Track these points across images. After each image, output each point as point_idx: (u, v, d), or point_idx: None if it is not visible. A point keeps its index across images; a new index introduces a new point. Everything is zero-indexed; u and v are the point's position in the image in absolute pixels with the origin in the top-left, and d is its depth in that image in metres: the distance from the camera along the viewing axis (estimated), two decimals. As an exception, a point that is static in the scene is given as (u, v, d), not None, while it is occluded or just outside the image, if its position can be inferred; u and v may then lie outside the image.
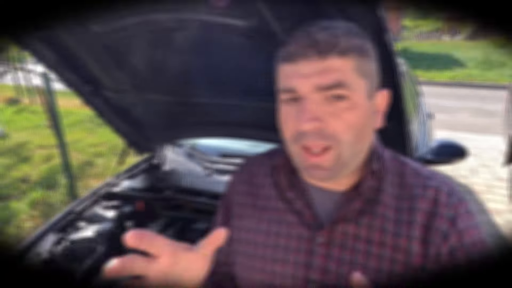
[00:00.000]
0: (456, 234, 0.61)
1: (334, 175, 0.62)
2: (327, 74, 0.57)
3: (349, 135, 0.59)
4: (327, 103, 0.58)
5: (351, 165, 0.63)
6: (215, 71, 1.33)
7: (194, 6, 0.99)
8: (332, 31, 0.59)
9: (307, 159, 0.61)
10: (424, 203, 0.64)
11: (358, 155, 0.63)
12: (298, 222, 0.70)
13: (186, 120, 1.78)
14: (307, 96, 0.58)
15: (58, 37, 1.29)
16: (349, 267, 0.65)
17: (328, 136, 0.59)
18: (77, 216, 1.73)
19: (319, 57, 0.57)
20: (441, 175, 0.70)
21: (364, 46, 0.61)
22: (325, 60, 0.57)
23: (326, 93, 0.58)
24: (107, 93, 1.64)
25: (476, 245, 0.61)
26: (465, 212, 0.64)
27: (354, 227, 0.65)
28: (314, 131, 0.58)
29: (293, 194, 0.71)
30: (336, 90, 0.57)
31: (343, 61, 0.58)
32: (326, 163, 0.60)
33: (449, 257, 0.61)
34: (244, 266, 0.75)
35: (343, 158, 0.60)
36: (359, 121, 0.60)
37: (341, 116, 0.58)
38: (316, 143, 0.59)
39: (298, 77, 0.59)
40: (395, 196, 0.66)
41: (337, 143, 0.59)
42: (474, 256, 0.61)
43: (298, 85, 0.59)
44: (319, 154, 0.60)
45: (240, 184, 0.81)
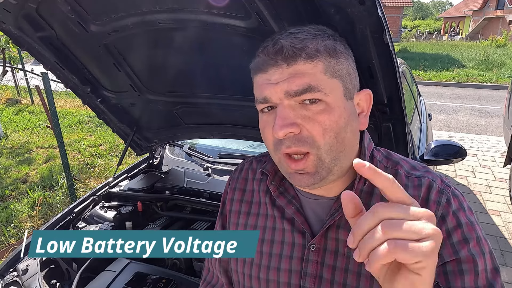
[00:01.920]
0: (444, 233, 0.59)
1: (319, 180, 0.60)
2: (295, 79, 0.57)
3: (327, 138, 0.58)
4: (301, 108, 0.58)
5: (336, 168, 0.61)
6: (215, 71, 1.32)
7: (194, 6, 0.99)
8: (299, 36, 0.58)
9: (290, 165, 0.60)
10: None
11: (341, 158, 0.61)
12: (291, 230, 0.69)
13: (186, 120, 1.78)
14: (279, 103, 0.58)
15: (58, 37, 1.29)
16: (342, 274, 0.64)
17: (305, 140, 0.58)
18: (77, 216, 1.73)
19: (287, 63, 0.57)
20: (435, 172, 0.68)
21: (336, 47, 0.60)
22: (293, 65, 0.57)
23: (298, 98, 0.57)
24: (107, 93, 1.64)
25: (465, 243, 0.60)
26: (458, 209, 0.62)
27: (346, 233, 0.64)
28: (290, 137, 0.58)
29: (284, 201, 0.71)
30: (306, 94, 0.57)
31: (312, 64, 0.57)
32: (309, 168, 0.59)
33: None
34: (240, 274, 0.75)
35: (325, 162, 0.59)
36: (337, 123, 0.58)
37: (316, 119, 0.57)
38: (294, 149, 0.58)
39: (268, 86, 0.59)
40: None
41: (315, 147, 0.58)
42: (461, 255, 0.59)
43: (269, 94, 0.59)
44: (300, 160, 0.59)
45: (234, 191, 0.81)
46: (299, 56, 0.57)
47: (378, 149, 0.72)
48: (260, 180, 0.78)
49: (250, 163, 0.83)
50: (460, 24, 35.81)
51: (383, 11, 0.73)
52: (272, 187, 0.72)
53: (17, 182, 4.04)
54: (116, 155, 4.95)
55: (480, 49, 17.16)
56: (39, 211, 3.29)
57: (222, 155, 2.18)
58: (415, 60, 14.90)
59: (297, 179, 0.61)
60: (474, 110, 7.83)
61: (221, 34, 1.07)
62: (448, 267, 0.60)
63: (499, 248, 2.80)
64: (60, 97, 7.82)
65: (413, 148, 2.04)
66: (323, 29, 0.62)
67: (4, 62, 6.24)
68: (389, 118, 1.13)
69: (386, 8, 28.93)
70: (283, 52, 0.57)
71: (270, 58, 0.59)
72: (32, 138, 5.66)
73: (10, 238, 2.99)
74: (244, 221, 0.76)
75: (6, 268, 1.40)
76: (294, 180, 0.62)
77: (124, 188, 1.88)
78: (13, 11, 1.14)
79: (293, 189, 0.72)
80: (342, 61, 0.61)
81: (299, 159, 0.59)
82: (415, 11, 75.28)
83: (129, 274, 1.28)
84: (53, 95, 3.33)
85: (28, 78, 8.45)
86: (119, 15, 1.11)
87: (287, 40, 0.58)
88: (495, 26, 27.17)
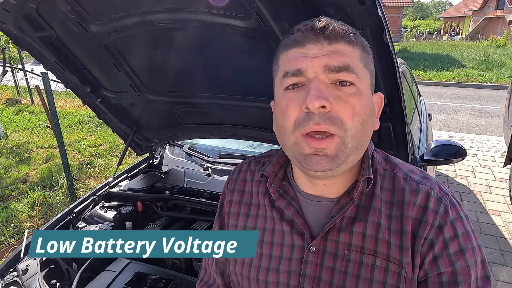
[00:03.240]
0: (441, 243, 0.60)
1: (337, 165, 0.58)
2: (336, 56, 0.57)
3: (355, 122, 0.56)
4: (333, 87, 0.57)
5: (352, 158, 0.59)
6: (215, 71, 1.32)
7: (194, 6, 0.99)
8: (342, 23, 0.60)
9: (310, 143, 0.57)
10: (413, 211, 0.62)
11: (359, 148, 0.60)
12: (290, 231, 0.69)
13: (186, 120, 1.78)
14: (314, 77, 0.57)
15: (58, 37, 1.29)
16: (341, 277, 0.64)
17: (334, 121, 0.55)
18: (77, 216, 1.73)
19: (329, 41, 0.58)
20: (433, 178, 0.68)
21: (366, 45, 0.63)
22: (334, 44, 0.58)
23: (334, 75, 0.57)
24: (107, 93, 1.64)
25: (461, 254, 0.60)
26: (456, 218, 0.62)
27: (346, 235, 0.64)
28: (321, 113, 0.55)
29: (284, 202, 0.70)
30: (343, 73, 0.57)
31: (351, 48, 0.59)
32: (330, 150, 0.56)
33: (432, 266, 0.60)
34: (239, 275, 0.75)
35: (347, 147, 0.57)
36: (364, 109, 0.58)
37: (348, 101, 0.56)
38: (323, 127, 0.55)
39: (305, 59, 0.58)
40: (387, 202, 0.65)
41: (342, 129, 0.56)
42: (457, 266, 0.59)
43: (305, 66, 0.57)
44: (323, 139, 0.56)
45: (232, 193, 0.81)
46: (342, 37, 0.58)
47: (377, 151, 0.72)
48: (259, 181, 0.77)
49: (248, 165, 0.83)
50: (460, 24, 35.82)
51: (383, 11, 0.73)
52: (272, 189, 0.72)
53: (17, 182, 4.04)
54: (116, 155, 4.95)
55: (480, 49, 17.16)
56: (39, 211, 3.29)
57: (222, 155, 2.18)
58: (415, 60, 14.90)
59: (314, 161, 0.57)
60: (474, 110, 7.83)
61: (221, 34, 1.07)
62: (444, 277, 0.60)
63: (499, 248, 2.80)
64: (60, 97, 7.82)
65: (413, 148, 2.04)
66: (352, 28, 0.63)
67: (4, 62, 6.24)
68: (389, 118, 1.13)
69: (386, 8, 28.94)
70: (328, 29, 0.58)
71: (311, 34, 0.58)
72: (32, 138, 5.66)
73: (10, 238, 2.99)
74: (243, 223, 0.76)
75: (6, 268, 1.41)
76: (310, 163, 0.58)
77: (124, 188, 1.88)
78: (13, 11, 1.14)
79: (293, 190, 0.72)
80: (370, 58, 0.63)
81: (321, 138, 0.56)
82: (415, 11, 75.30)
83: (129, 274, 1.28)
84: (53, 95, 3.33)
85: (28, 78, 8.45)
86: (119, 15, 1.11)
87: (331, 22, 0.59)
88: (495, 26, 27.18)
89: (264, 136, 1.65)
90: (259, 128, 1.62)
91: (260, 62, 1.16)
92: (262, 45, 1.06)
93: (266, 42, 1.03)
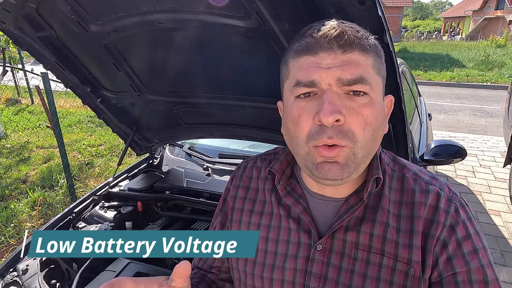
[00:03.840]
0: (454, 243, 0.60)
1: (347, 174, 0.58)
2: (350, 68, 0.55)
3: (366, 133, 0.56)
4: (346, 98, 0.56)
5: (363, 166, 0.60)
6: (215, 71, 1.32)
7: (194, 6, 0.99)
8: (355, 28, 0.58)
9: (321, 152, 0.56)
10: (424, 211, 0.62)
11: (369, 157, 0.60)
12: (297, 229, 0.69)
13: (186, 120, 1.78)
14: (328, 89, 0.56)
15: (58, 37, 1.29)
16: (348, 275, 0.64)
17: (346, 134, 0.55)
18: (77, 216, 1.73)
19: (343, 50, 0.56)
20: (441, 179, 0.69)
21: (379, 48, 0.61)
22: (348, 54, 0.56)
23: (347, 87, 0.56)
24: (107, 93, 1.64)
25: (475, 254, 0.60)
26: (466, 219, 0.62)
27: (354, 234, 0.64)
28: (335, 126, 0.55)
29: (291, 200, 0.70)
30: (357, 85, 0.56)
31: (365, 56, 0.57)
32: (340, 158, 0.57)
33: (446, 266, 0.60)
34: (242, 272, 0.75)
35: (357, 157, 0.57)
36: (376, 119, 0.58)
37: (360, 112, 0.56)
38: (335, 140, 0.55)
39: (318, 69, 0.56)
40: (395, 202, 0.65)
41: (353, 142, 0.56)
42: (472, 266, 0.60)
43: (318, 78, 0.56)
44: (333, 147, 0.56)
45: (237, 189, 0.81)
46: (356, 45, 0.56)
47: (384, 151, 0.73)
48: (265, 178, 0.77)
49: (254, 161, 0.83)
50: (460, 24, 35.82)
51: (383, 11, 0.73)
52: (279, 187, 0.71)
53: (17, 182, 4.04)
54: (116, 155, 4.95)
55: (480, 49, 17.17)
56: (39, 211, 3.29)
57: (222, 155, 2.18)
58: (415, 60, 14.90)
59: (326, 168, 0.57)
60: (474, 110, 7.83)
61: (221, 34, 1.07)
62: (459, 277, 0.60)
63: (499, 248, 2.80)
64: (60, 97, 7.82)
65: (413, 148, 2.04)
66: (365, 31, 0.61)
67: (4, 62, 6.24)
68: (389, 118, 1.13)
69: (386, 8, 28.94)
70: (344, 38, 0.55)
71: (325, 42, 0.56)
72: (32, 138, 5.66)
73: (10, 238, 2.99)
74: (248, 219, 0.76)
75: (6, 268, 1.41)
76: (321, 171, 0.58)
77: (124, 188, 1.88)
78: (13, 11, 1.14)
79: (301, 188, 0.71)
80: (383, 61, 0.62)
81: (332, 146, 0.56)
82: (415, 11, 75.29)
83: (129, 274, 1.28)
84: (53, 95, 3.33)
85: (28, 78, 8.45)
86: (119, 15, 1.11)
87: (345, 29, 0.56)
88: (495, 26, 27.18)
89: (264, 136, 1.65)
90: (259, 128, 1.62)
91: (260, 62, 1.16)
92: (262, 45, 1.06)
93: (266, 42, 1.03)
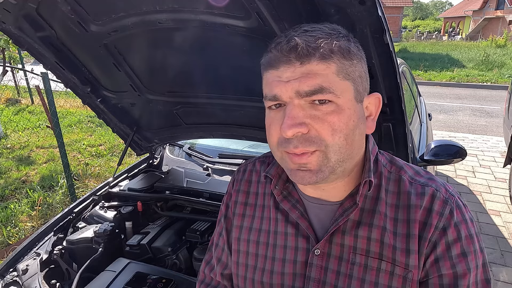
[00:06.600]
0: (443, 245, 0.60)
1: (321, 179, 0.59)
2: (307, 79, 0.55)
3: (336, 139, 0.56)
4: (310, 107, 0.57)
5: (340, 170, 0.60)
6: (215, 71, 1.32)
7: (194, 6, 0.99)
8: (314, 34, 0.57)
9: (292, 159, 0.59)
10: (419, 214, 0.62)
11: (347, 161, 0.60)
12: (295, 234, 0.69)
13: (186, 120, 1.78)
14: (289, 101, 0.57)
15: (58, 37, 1.29)
16: (346, 280, 0.64)
17: (313, 140, 0.56)
18: (77, 216, 1.73)
19: (300, 62, 0.56)
20: (439, 180, 0.67)
21: (350, 48, 0.58)
22: (306, 65, 0.55)
23: (308, 98, 0.56)
24: (107, 93, 1.64)
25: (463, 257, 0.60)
26: (460, 221, 0.62)
27: (351, 239, 0.64)
28: (298, 137, 0.56)
29: (288, 205, 0.70)
30: (317, 95, 0.55)
31: (325, 65, 0.56)
32: (312, 165, 0.58)
33: (433, 267, 0.61)
34: (241, 278, 0.75)
35: (330, 161, 0.58)
36: (346, 124, 0.57)
37: (326, 120, 0.56)
38: (301, 149, 0.57)
39: (279, 84, 0.57)
40: (392, 205, 0.65)
41: (323, 146, 0.57)
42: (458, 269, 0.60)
43: (279, 92, 0.57)
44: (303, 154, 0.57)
45: (238, 193, 0.81)
46: (313, 55, 0.55)
47: (382, 153, 0.72)
48: (264, 182, 0.77)
49: (253, 165, 0.82)
50: (460, 24, 35.81)
51: (383, 11, 0.73)
52: (276, 191, 0.71)
53: (17, 182, 4.04)
54: (116, 155, 4.95)
55: (480, 49, 17.16)
56: (39, 211, 3.29)
57: (222, 155, 2.18)
58: (415, 60, 14.90)
59: (299, 176, 0.59)
60: (474, 110, 7.82)
61: (221, 34, 1.07)
62: (445, 280, 0.60)
63: (499, 248, 2.80)
64: (60, 97, 7.83)
65: (413, 148, 2.04)
66: (338, 28, 0.60)
67: (4, 62, 6.23)
68: (389, 118, 1.13)
69: (386, 8, 28.93)
70: (297, 50, 0.55)
71: (283, 55, 0.57)
72: (32, 138, 5.66)
73: (10, 238, 2.99)
74: (249, 224, 0.76)
75: (6, 268, 1.41)
76: (295, 177, 0.60)
77: (124, 188, 1.88)
78: (13, 11, 1.14)
79: (297, 193, 0.71)
80: (355, 63, 0.59)
81: (302, 154, 0.57)
82: (415, 11, 75.28)
83: (129, 274, 1.28)
84: (53, 95, 3.33)
85: (28, 78, 8.45)
86: (119, 15, 1.11)
87: (302, 38, 0.56)
88: (495, 26, 27.17)
89: (264, 136, 1.63)
90: (259, 128, 1.62)
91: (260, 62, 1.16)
92: (262, 45, 1.05)
93: (266, 42, 1.03)
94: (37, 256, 1.45)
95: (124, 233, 1.67)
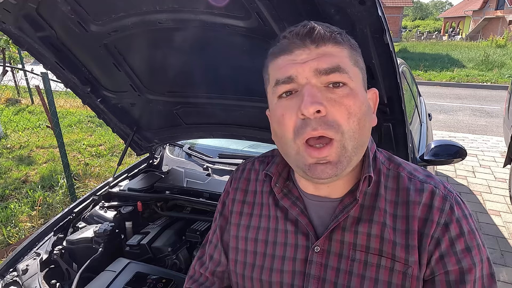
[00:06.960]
0: (447, 241, 0.60)
1: (341, 170, 0.58)
2: (325, 58, 0.57)
3: (351, 123, 0.57)
4: (326, 91, 0.57)
5: (355, 159, 0.60)
6: (215, 71, 1.32)
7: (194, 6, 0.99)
8: (327, 25, 0.61)
9: (311, 154, 0.57)
10: (419, 210, 0.63)
11: (359, 148, 0.60)
12: (294, 231, 0.69)
13: (186, 120, 1.78)
14: (306, 83, 0.57)
15: (58, 37, 1.29)
16: (346, 277, 0.64)
17: (331, 124, 0.56)
18: (77, 216, 1.73)
19: (316, 44, 0.58)
20: (436, 177, 0.68)
21: (354, 42, 0.63)
22: (322, 47, 0.58)
23: (325, 78, 0.57)
24: (107, 93, 1.64)
25: (468, 252, 0.60)
26: (461, 217, 0.62)
27: (351, 235, 0.64)
28: (317, 118, 0.56)
29: (288, 202, 0.70)
30: (335, 74, 0.57)
31: (339, 48, 0.59)
32: (332, 156, 0.57)
33: (438, 264, 0.61)
34: (239, 276, 0.75)
35: (348, 150, 0.57)
36: (360, 108, 0.58)
37: (342, 103, 0.56)
38: (320, 132, 0.55)
39: (294, 65, 0.58)
40: (392, 202, 0.65)
41: (340, 133, 0.56)
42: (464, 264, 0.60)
43: (295, 72, 0.57)
44: (323, 147, 0.56)
45: (236, 191, 0.81)
46: (328, 39, 0.58)
47: (380, 150, 0.72)
48: (263, 181, 0.77)
49: (252, 164, 0.83)
50: (460, 24, 35.82)
51: (383, 11, 0.73)
52: (276, 189, 0.71)
53: (17, 182, 4.04)
54: (116, 155, 4.95)
55: (480, 49, 17.16)
56: (39, 211, 3.29)
57: (222, 155, 2.18)
58: (415, 60, 14.90)
59: (319, 170, 0.58)
60: (474, 110, 7.83)
61: (221, 34, 1.07)
62: (451, 276, 0.60)
63: (499, 248, 2.80)
64: (60, 97, 7.82)
65: (413, 148, 2.04)
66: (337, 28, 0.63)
67: (4, 62, 6.24)
68: (389, 118, 1.13)
69: (386, 8, 28.94)
70: (314, 33, 0.57)
71: (298, 39, 0.58)
72: (32, 138, 5.66)
73: (10, 238, 2.99)
74: (247, 223, 0.76)
75: (6, 268, 1.41)
76: (315, 172, 0.58)
77: (124, 188, 1.88)
78: (13, 11, 1.14)
79: (297, 190, 0.71)
80: (360, 55, 0.63)
81: (322, 147, 0.57)
82: (415, 11, 75.29)
83: (129, 274, 1.28)
84: (53, 95, 3.33)
85: (28, 78, 8.45)
86: (119, 15, 1.11)
87: (316, 26, 0.58)
88: (495, 26, 27.18)
89: (264, 136, 1.65)
90: (259, 128, 1.62)
91: (260, 62, 1.15)
92: (262, 45, 1.06)
93: (266, 42, 1.03)
94: (37, 256, 1.45)
95: (124, 233, 1.67)
